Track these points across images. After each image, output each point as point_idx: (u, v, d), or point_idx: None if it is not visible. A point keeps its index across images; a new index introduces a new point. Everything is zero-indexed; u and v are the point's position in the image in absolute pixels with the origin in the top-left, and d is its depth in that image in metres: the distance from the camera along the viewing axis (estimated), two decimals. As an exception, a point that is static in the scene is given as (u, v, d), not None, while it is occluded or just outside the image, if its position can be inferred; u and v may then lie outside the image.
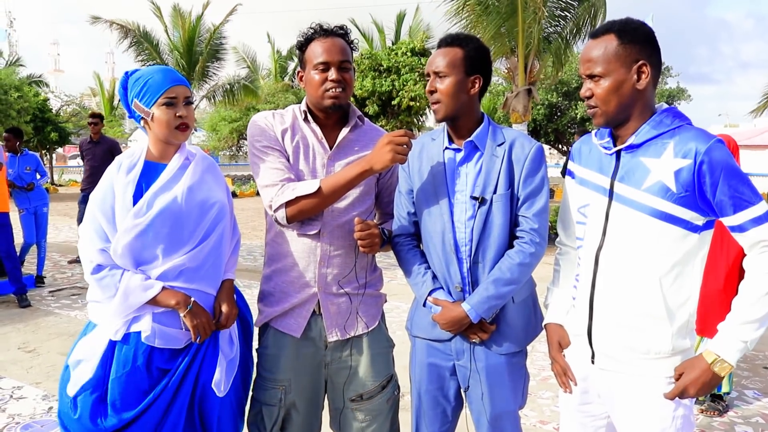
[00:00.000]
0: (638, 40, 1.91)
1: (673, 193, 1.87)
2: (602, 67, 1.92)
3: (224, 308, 2.26)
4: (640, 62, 1.90)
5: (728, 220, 1.87)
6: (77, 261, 9.15)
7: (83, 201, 9.03)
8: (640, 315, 1.95)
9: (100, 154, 8.86)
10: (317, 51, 2.30)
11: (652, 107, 1.98)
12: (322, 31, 2.33)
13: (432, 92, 2.24)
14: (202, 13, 19.47)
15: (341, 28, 2.38)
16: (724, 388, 4.18)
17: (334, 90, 2.29)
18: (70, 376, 2.20)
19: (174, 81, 2.21)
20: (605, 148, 2.04)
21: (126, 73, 2.30)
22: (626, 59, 1.90)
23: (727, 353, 1.86)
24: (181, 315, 2.16)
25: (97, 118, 9.00)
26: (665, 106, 1.99)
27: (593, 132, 2.14)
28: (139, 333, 2.16)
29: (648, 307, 1.94)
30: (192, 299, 2.18)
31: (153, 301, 2.15)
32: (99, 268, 2.17)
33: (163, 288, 2.16)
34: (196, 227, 2.22)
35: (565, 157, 29.11)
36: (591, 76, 1.96)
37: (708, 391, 1.89)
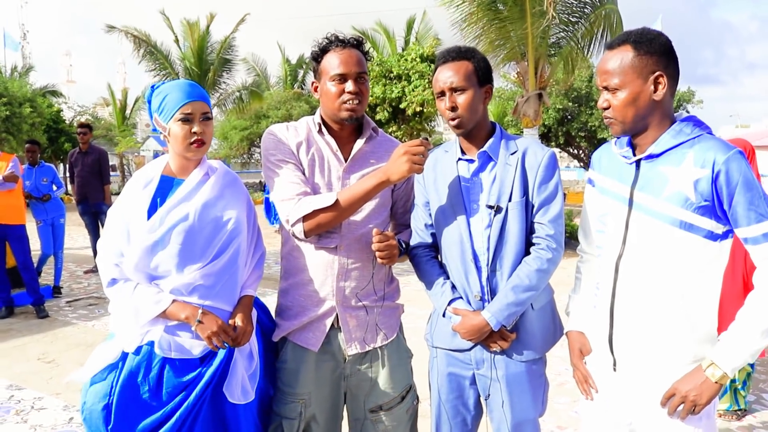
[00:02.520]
0: (655, 51, 1.91)
1: (692, 203, 1.88)
2: (619, 78, 1.93)
3: (238, 324, 2.23)
4: (657, 73, 1.91)
5: (741, 232, 1.88)
6: (93, 271, 9.24)
7: (84, 212, 9.12)
8: (661, 323, 1.96)
9: (89, 163, 8.98)
10: (334, 62, 2.30)
11: (671, 116, 1.99)
12: (338, 42, 2.33)
13: (453, 108, 2.24)
14: (209, 25, 19.61)
15: (357, 39, 2.38)
16: (741, 404, 4.16)
17: (351, 102, 2.29)
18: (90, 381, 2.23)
19: (191, 96, 2.22)
20: (625, 157, 2.05)
21: (152, 86, 2.32)
22: (643, 70, 1.91)
23: (723, 362, 1.86)
24: (193, 328, 2.18)
25: (85, 128, 9.11)
26: (685, 114, 2.00)
27: (613, 141, 2.15)
28: (151, 344, 2.18)
29: (668, 315, 1.95)
30: (200, 310, 2.18)
31: (164, 315, 2.17)
32: (113, 282, 2.21)
33: (174, 301, 2.18)
34: (209, 244, 2.24)
35: (575, 160, 29.07)
36: (608, 88, 1.97)
37: (707, 399, 1.88)
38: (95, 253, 9.30)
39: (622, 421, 2.12)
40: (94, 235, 9.23)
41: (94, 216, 9.13)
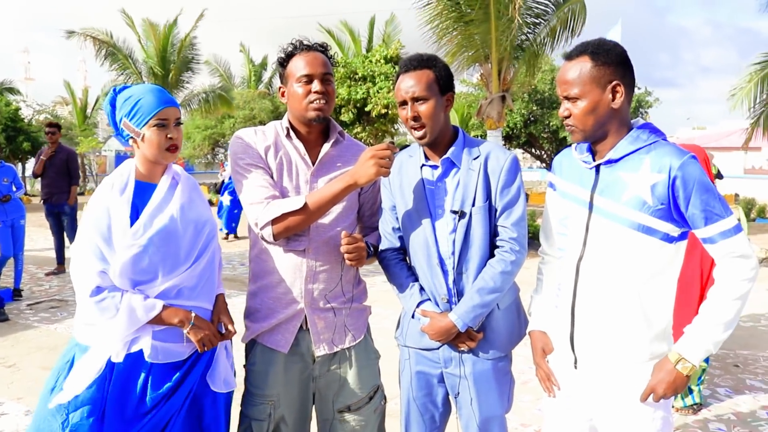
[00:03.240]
0: (611, 62, 1.99)
1: (649, 206, 1.97)
2: (578, 88, 2.01)
3: (225, 320, 2.34)
4: (614, 82, 1.99)
5: (700, 232, 1.97)
6: (54, 273, 9.06)
7: (49, 214, 8.96)
8: (619, 322, 2.05)
9: (58, 164, 8.83)
10: (300, 65, 2.34)
11: (628, 123, 2.07)
12: (303, 46, 2.38)
13: (415, 118, 2.27)
14: (174, 22, 19.33)
15: (321, 44, 2.43)
16: (697, 399, 4.31)
17: (318, 102, 2.32)
18: (57, 390, 2.17)
19: (165, 103, 2.23)
20: (585, 162, 2.13)
21: (114, 90, 2.29)
22: (601, 80, 1.99)
23: (690, 354, 1.96)
24: (185, 331, 2.20)
25: (54, 127, 8.95)
26: (641, 121, 2.09)
27: (573, 146, 2.22)
28: (138, 353, 2.17)
29: (626, 314, 2.03)
30: (193, 314, 2.22)
31: (156, 320, 2.17)
32: (99, 290, 2.14)
33: (164, 306, 2.19)
34: (192, 246, 2.27)
35: (537, 161, 29.41)
36: (568, 98, 2.04)
37: (675, 391, 1.98)
38: (58, 254, 9.16)
39: (583, 417, 2.20)
40: (58, 236, 9.07)
41: (57, 216, 8.98)
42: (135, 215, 2.21)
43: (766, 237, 14.07)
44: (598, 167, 2.09)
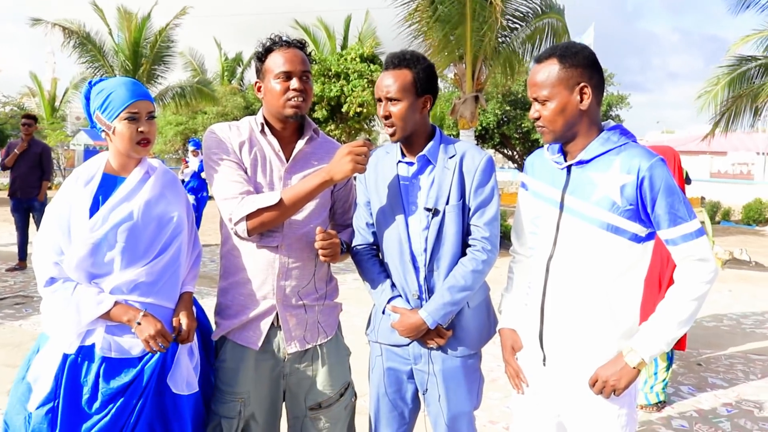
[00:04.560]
0: (579, 64, 2.04)
1: (618, 206, 2.01)
2: (547, 90, 2.05)
3: (183, 322, 2.26)
4: (582, 84, 2.04)
5: (663, 234, 2.02)
6: (15, 269, 8.85)
7: (15, 209, 8.79)
8: (588, 320, 2.08)
9: (30, 157, 8.67)
10: (278, 61, 2.33)
11: (598, 124, 2.12)
12: (282, 42, 2.37)
13: (387, 117, 2.30)
14: (149, 14, 19.01)
15: (300, 41, 2.43)
16: (661, 397, 4.40)
17: (296, 99, 2.32)
18: (31, 391, 2.18)
19: (138, 96, 2.21)
20: (557, 162, 2.16)
21: (89, 83, 2.29)
22: (569, 82, 2.04)
23: (642, 349, 2.01)
24: (132, 329, 2.17)
25: (31, 119, 8.79)
26: (612, 123, 2.14)
27: (545, 147, 2.25)
28: (92, 346, 2.16)
29: (594, 312, 2.07)
30: (142, 313, 2.17)
31: (105, 316, 2.15)
32: (52, 281, 2.17)
33: (116, 303, 2.16)
34: (153, 241, 2.24)
35: (510, 162, 29.68)
36: (538, 99, 2.09)
37: (625, 383, 2.01)
38: (21, 250, 8.97)
39: (551, 414, 2.23)
40: (22, 231, 8.88)
41: (26, 212, 8.82)
42: (97, 208, 2.20)
43: (731, 239, 14.40)
44: (569, 168, 2.13)
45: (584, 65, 2.05)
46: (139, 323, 2.15)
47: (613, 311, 2.07)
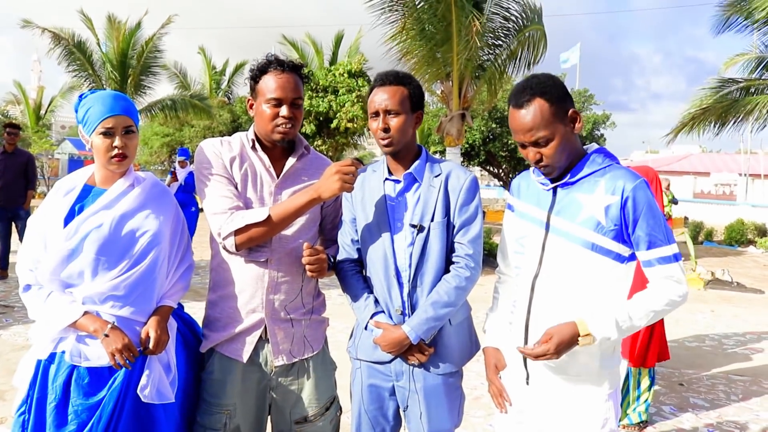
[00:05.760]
0: (561, 94, 2.10)
1: (603, 227, 2.06)
2: (546, 130, 2.07)
3: (150, 334, 2.23)
4: (570, 111, 2.10)
5: (641, 254, 2.08)
6: (-1, 278, 8.77)
7: (1, 218, 8.72)
8: None
9: (15, 166, 8.63)
10: (271, 86, 2.35)
11: (579, 146, 2.17)
12: (277, 64, 2.38)
13: (385, 130, 2.35)
14: (138, 23, 18.95)
15: (295, 63, 2.43)
16: (643, 417, 4.43)
17: (284, 126, 2.35)
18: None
19: (113, 111, 2.23)
20: (543, 184, 2.21)
21: (80, 96, 2.32)
22: (561, 115, 2.09)
23: (596, 328, 2.03)
24: (99, 340, 2.17)
25: (15, 128, 8.76)
26: (596, 146, 2.19)
27: (531, 169, 2.30)
28: (63, 353, 2.19)
29: None
30: (109, 326, 2.17)
31: (74, 325, 2.17)
32: (28, 287, 2.24)
33: (85, 313, 2.18)
34: (124, 254, 2.24)
35: (495, 179, 29.85)
36: (538, 143, 2.09)
37: (563, 349, 2.04)
38: (1, 259, 8.87)
39: None
40: (4, 240, 8.80)
41: (9, 221, 8.74)
42: (73, 218, 2.23)
43: (713, 260, 14.53)
44: (555, 189, 2.18)
45: (564, 93, 2.11)
46: (106, 335, 2.15)
47: None
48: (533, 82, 2.11)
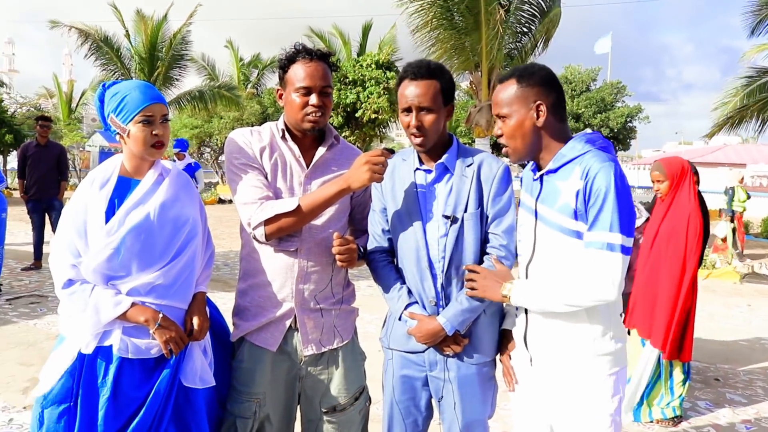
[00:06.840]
0: (536, 83, 2.15)
1: (575, 211, 2.07)
2: (507, 108, 2.17)
3: (195, 321, 2.29)
4: (537, 102, 2.13)
5: (585, 236, 2.05)
6: (31, 268, 8.92)
7: (34, 210, 8.86)
8: (564, 321, 2.14)
9: (48, 159, 8.75)
10: (300, 74, 2.33)
11: (563, 137, 2.19)
12: (305, 53, 2.36)
13: (419, 128, 2.29)
14: (165, 15, 19.12)
15: (324, 52, 2.41)
16: (678, 412, 4.35)
17: (314, 115, 2.34)
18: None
19: (152, 99, 2.23)
20: (533, 172, 2.26)
21: (103, 85, 2.31)
22: (525, 101, 2.14)
23: (515, 292, 2.16)
24: (151, 331, 2.18)
25: (48, 121, 8.89)
26: (588, 131, 2.18)
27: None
28: (109, 347, 2.17)
29: (570, 314, 2.12)
30: (161, 315, 2.20)
31: (122, 317, 2.17)
32: (70, 283, 2.19)
33: (133, 304, 2.18)
34: (169, 244, 2.25)
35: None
36: (499, 116, 2.19)
37: (488, 294, 2.21)
38: (36, 250, 9.03)
39: (543, 422, 2.29)
40: (39, 231, 8.96)
41: (43, 212, 8.89)
42: (114, 211, 2.22)
43: (750, 253, 14.23)
44: (541, 177, 2.21)
45: (540, 84, 2.16)
46: (160, 325, 2.17)
47: (588, 313, 2.12)
48: (521, 66, 2.29)
